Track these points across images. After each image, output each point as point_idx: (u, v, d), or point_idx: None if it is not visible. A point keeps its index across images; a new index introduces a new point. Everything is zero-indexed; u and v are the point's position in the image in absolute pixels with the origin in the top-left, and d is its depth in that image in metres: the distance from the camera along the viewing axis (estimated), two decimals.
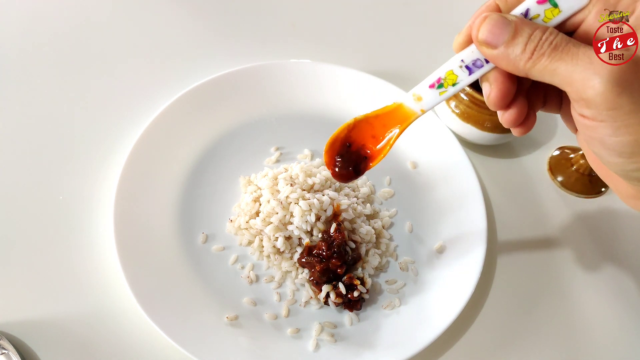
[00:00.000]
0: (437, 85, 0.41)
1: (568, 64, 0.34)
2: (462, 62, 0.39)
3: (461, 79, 0.40)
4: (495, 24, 0.36)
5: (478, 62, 0.39)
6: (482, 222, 0.65)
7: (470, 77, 0.39)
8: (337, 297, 0.60)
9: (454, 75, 0.40)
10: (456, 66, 0.40)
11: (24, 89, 0.78)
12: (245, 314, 0.60)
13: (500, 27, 0.36)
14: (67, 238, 0.64)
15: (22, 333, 0.57)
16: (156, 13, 0.91)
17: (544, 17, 0.36)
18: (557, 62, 0.34)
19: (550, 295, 0.66)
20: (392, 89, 0.76)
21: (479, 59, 0.39)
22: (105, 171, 0.69)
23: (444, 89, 0.41)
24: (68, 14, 0.88)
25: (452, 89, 0.40)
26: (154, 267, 0.60)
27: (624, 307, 0.66)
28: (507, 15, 0.37)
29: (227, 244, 0.66)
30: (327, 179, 0.68)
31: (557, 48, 0.35)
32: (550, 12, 0.36)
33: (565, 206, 0.74)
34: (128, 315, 0.58)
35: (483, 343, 0.62)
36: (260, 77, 0.77)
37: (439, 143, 0.74)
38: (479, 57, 0.39)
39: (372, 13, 0.96)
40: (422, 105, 0.42)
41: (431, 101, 0.42)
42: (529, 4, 0.36)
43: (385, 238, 0.67)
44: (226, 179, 0.70)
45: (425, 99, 0.42)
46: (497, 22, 0.36)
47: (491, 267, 0.67)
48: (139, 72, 0.82)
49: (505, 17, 0.36)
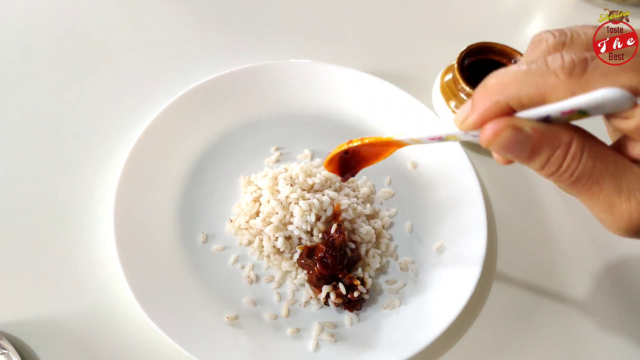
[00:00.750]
0: (437, 140, 0.39)
1: (587, 200, 0.33)
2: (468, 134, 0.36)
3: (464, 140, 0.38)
4: (511, 142, 0.32)
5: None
6: (482, 222, 0.65)
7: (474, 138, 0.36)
8: (337, 298, 0.60)
9: (457, 137, 0.38)
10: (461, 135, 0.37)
11: (24, 89, 0.78)
12: (245, 314, 0.60)
13: (515, 145, 0.32)
14: (67, 238, 0.64)
15: (22, 333, 0.57)
16: (156, 13, 0.90)
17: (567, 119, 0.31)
18: (576, 193, 0.33)
19: (550, 296, 0.66)
20: (392, 89, 0.76)
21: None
22: (105, 171, 0.69)
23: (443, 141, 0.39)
24: (68, 14, 0.88)
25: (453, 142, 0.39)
26: (154, 267, 0.60)
27: (623, 307, 0.66)
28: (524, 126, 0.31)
29: (227, 244, 0.66)
30: (327, 179, 0.68)
31: (578, 182, 0.32)
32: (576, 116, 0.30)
33: (565, 206, 0.74)
34: (128, 315, 0.58)
35: (483, 343, 0.62)
36: (260, 77, 0.77)
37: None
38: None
39: (372, 13, 0.96)
40: (417, 142, 0.42)
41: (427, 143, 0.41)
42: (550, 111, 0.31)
43: (385, 238, 0.67)
44: (226, 179, 0.70)
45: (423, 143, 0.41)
46: (512, 141, 0.32)
47: (491, 267, 0.67)
48: (139, 72, 0.82)
49: (521, 132, 0.31)
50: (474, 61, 0.74)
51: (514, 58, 0.73)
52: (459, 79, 0.70)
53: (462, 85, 0.70)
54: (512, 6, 0.99)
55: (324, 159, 0.73)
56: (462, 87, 0.71)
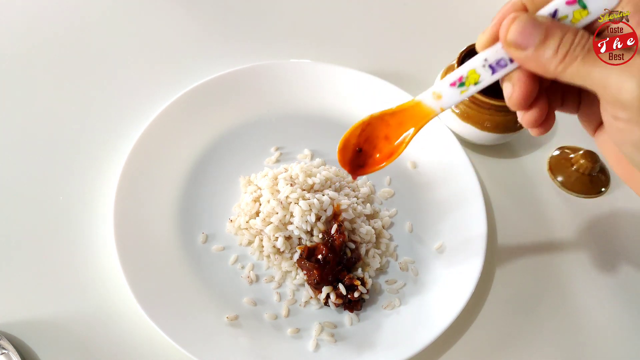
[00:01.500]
0: (458, 84, 0.40)
1: (603, 67, 0.34)
2: (486, 62, 0.39)
3: (483, 78, 0.39)
4: (526, 25, 0.36)
5: (502, 61, 0.38)
6: (482, 222, 0.65)
7: (493, 76, 0.39)
8: (337, 298, 0.60)
9: (477, 74, 0.39)
10: (479, 65, 0.39)
11: (24, 89, 0.78)
12: (245, 314, 0.60)
13: (530, 29, 0.35)
14: (67, 238, 0.64)
15: (22, 333, 0.57)
16: (156, 13, 0.91)
17: (572, 19, 0.36)
18: (590, 66, 0.34)
19: (550, 295, 0.66)
20: (392, 89, 0.76)
21: (503, 59, 0.38)
22: (105, 171, 0.69)
23: (465, 87, 0.40)
24: (68, 14, 0.88)
25: (474, 87, 0.40)
26: (154, 267, 0.60)
27: (624, 307, 0.66)
28: (538, 17, 0.36)
29: (227, 244, 0.66)
30: (327, 179, 0.68)
31: (591, 51, 0.34)
32: (578, 14, 0.35)
33: (565, 206, 0.74)
34: (128, 315, 0.58)
35: (483, 343, 0.62)
36: (260, 77, 0.77)
37: (439, 143, 0.74)
38: (503, 56, 0.38)
39: (372, 13, 0.96)
40: (441, 104, 0.42)
41: (451, 100, 0.41)
42: (558, 4, 0.36)
43: (385, 238, 0.67)
44: (226, 179, 0.70)
45: (445, 97, 0.41)
46: (528, 24, 0.36)
47: (491, 267, 0.67)
48: (139, 72, 0.82)
49: (535, 19, 0.36)
50: None
51: None
52: None
53: None
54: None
55: (324, 159, 0.73)
56: None
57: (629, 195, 0.75)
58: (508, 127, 0.71)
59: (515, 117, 0.70)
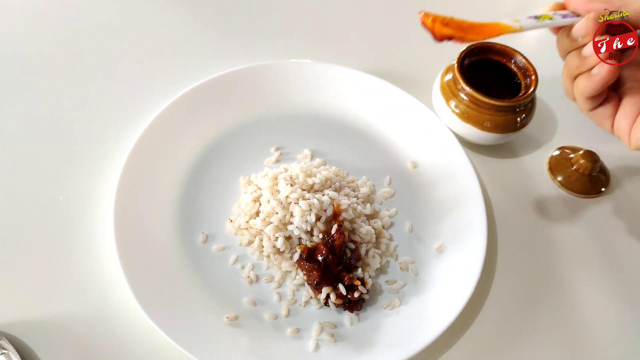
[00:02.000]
0: (534, 17, 0.47)
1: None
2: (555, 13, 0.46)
3: (556, 18, 0.46)
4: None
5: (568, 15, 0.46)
6: (482, 222, 0.65)
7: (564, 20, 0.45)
8: (337, 298, 0.60)
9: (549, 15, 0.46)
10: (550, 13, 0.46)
11: (24, 89, 0.78)
12: (245, 314, 0.60)
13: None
14: (67, 238, 0.64)
15: (22, 333, 0.57)
16: (156, 13, 0.91)
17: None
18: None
19: (550, 296, 0.66)
20: (392, 89, 0.76)
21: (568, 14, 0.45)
22: (105, 171, 0.69)
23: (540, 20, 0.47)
24: (68, 14, 0.88)
25: (549, 21, 0.46)
26: (154, 267, 0.60)
27: (624, 307, 0.66)
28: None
29: (227, 244, 0.66)
30: (327, 179, 0.68)
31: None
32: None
33: (565, 206, 0.74)
34: (128, 315, 0.58)
35: (483, 343, 0.62)
36: (260, 77, 0.77)
37: (439, 143, 0.74)
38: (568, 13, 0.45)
39: (372, 13, 0.96)
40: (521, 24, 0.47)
41: (530, 24, 0.47)
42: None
43: (385, 238, 0.67)
44: (226, 179, 0.70)
45: (524, 22, 0.47)
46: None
47: (491, 267, 0.67)
48: (139, 72, 0.82)
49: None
50: (473, 61, 0.74)
51: (513, 58, 0.73)
52: (459, 79, 0.70)
53: (462, 85, 0.70)
54: (512, 6, 0.99)
55: (324, 159, 0.73)
56: (462, 87, 0.71)
57: (629, 195, 0.75)
58: (508, 127, 0.71)
59: (515, 117, 0.70)
